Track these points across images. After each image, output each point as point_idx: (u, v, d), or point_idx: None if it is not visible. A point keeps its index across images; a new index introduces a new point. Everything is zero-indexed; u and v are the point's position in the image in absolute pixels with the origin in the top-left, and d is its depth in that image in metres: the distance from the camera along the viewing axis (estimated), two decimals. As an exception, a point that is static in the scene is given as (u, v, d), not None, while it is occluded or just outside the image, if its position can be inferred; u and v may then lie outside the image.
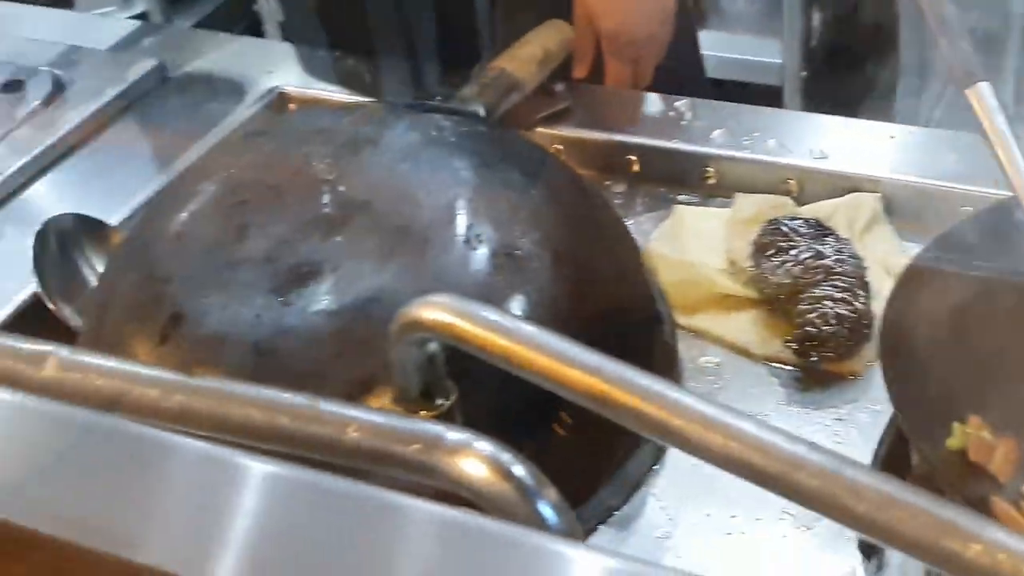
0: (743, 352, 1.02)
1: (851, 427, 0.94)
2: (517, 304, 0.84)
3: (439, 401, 0.57)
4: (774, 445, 0.49)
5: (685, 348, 1.03)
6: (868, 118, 1.19)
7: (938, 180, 1.09)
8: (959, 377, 0.82)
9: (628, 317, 0.95)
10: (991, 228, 0.87)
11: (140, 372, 0.55)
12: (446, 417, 0.57)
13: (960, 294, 0.84)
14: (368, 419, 0.48)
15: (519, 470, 0.44)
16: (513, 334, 0.50)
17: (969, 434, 0.80)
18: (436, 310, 0.52)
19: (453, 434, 0.46)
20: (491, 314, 0.51)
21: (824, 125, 1.20)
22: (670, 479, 0.92)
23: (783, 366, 1.00)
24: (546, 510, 0.44)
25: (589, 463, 0.84)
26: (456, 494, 0.45)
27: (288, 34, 1.58)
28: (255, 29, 2.00)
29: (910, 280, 0.84)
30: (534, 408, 0.72)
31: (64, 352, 0.57)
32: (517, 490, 0.44)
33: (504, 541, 0.42)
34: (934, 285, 0.84)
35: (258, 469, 0.47)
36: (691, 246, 1.10)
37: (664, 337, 0.99)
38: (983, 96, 0.87)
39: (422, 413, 0.57)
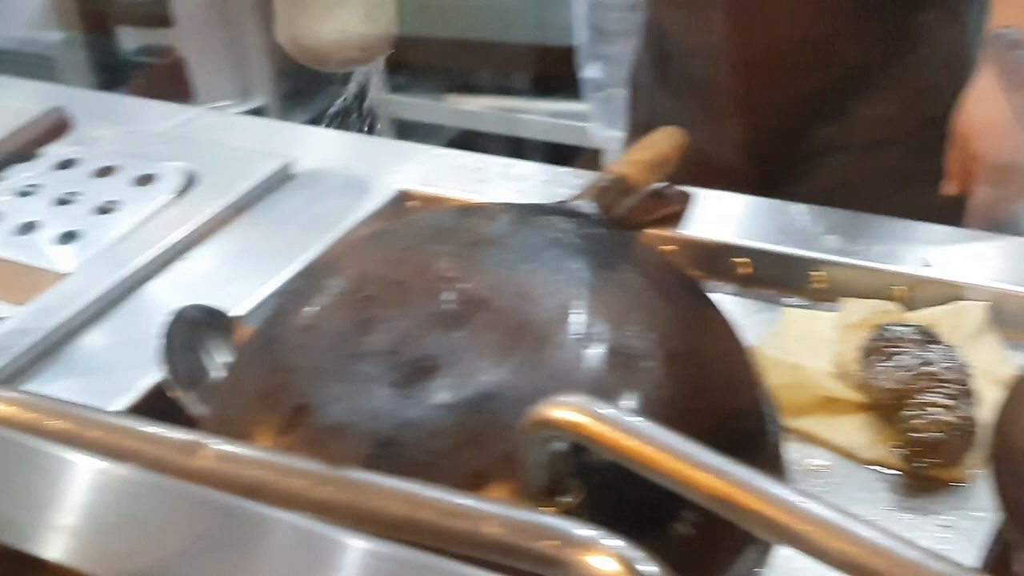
0: (849, 456, 1.03)
1: (957, 533, 0.94)
2: (630, 402, 0.87)
3: (564, 498, 0.60)
4: (893, 551, 0.50)
5: (792, 451, 1.04)
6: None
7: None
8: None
9: (738, 418, 0.97)
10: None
11: (286, 463, 0.59)
12: (571, 513, 0.59)
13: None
14: (502, 513, 0.51)
15: (649, 569, 0.47)
16: (641, 435, 0.53)
17: None
18: (567, 410, 0.55)
19: (583, 531, 0.49)
20: (619, 415, 0.54)
21: (931, 233, 1.22)
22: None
23: (889, 471, 1.01)
24: (673, 608, 0.47)
25: (701, 565, 0.85)
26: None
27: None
28: (370, 125, 2.08)
29: (1021, 387, 0.85)
30: (655, 507, 0.74)
31: (214, 442, 0.61)
32: (648, 588, 0.46)
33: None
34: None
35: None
36: (799, 349, 1.12)
37: (772, 439, 1.00)
38: None
39: (546, 509, 0.59)
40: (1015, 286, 1.13)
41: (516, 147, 2.66)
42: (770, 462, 1.00)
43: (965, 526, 0.95)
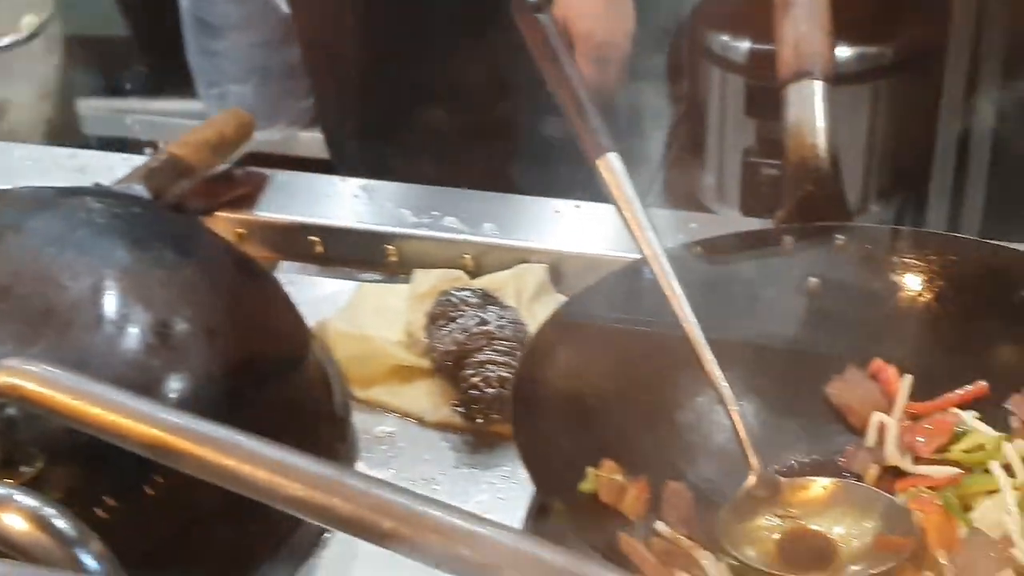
0: (419, 420, 1.06)
1: (514, 484, 0.98)
2: (173, 383, 0.85)
3: (25, 468, 0.58)
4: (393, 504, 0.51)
5: (362, 420, 1.06)
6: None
7: (597, 250, 1.16)
8: (593, 425, 0.88)
9: (295, 392, 0.97)
10: (621, 288, 0.93)
11: None
12: (32, 485, 0.57)
13: (591, 349, 0.90)
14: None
15: (61, 523, 0.46)
16: (80, 392, 0.52)
17: (601, 477, 0.85)
18: (5, 374, 0.53)
19: (-5, 492, 0.47)
20: (62, 376, 0.53)
21: (497, 201, 1.26)
22: (340, 547, 0.93)
23: (454, 431, 1.04)
24: (88, 559, 0.45)
25: (244, 537, 0.85)
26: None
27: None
28: None
29: (542, 340, 0.89)
30: (125, 470, 0.72)
31: None
32: (58, 541, 0.45)
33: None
34: (566, 343, 0.89)
35: None
36: (371, 321, 1.13)
37: (335, 410, 1.01)
38: (612, 166, 0.94)
39: (5, 481, 0.57)
40: (572, 248, 1.18)
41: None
42: (332, 433, 1.01)
43: (523, 476, 0.98)
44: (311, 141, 2.43)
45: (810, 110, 0.98)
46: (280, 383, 0.95)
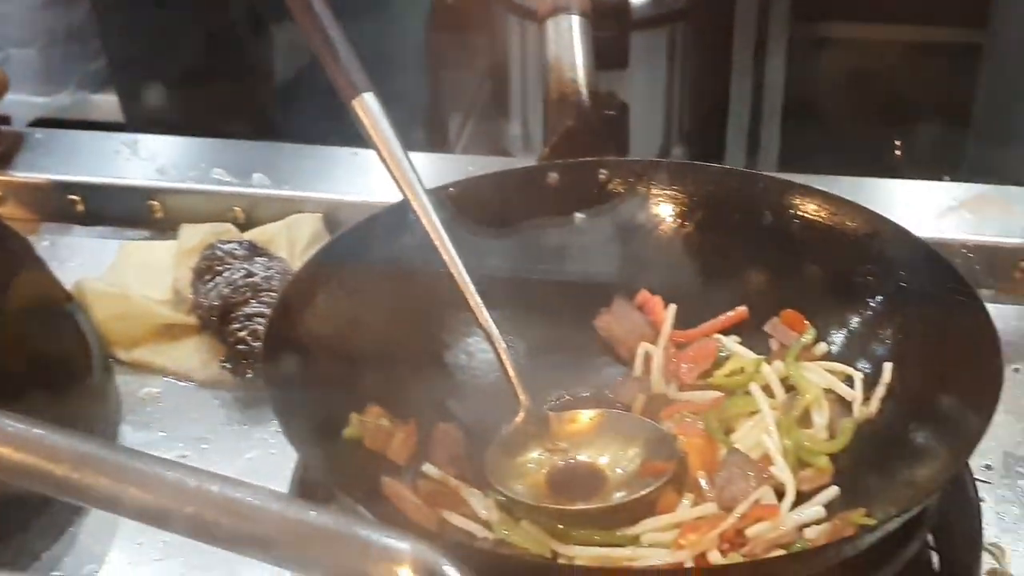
0: (187, 378, 1.02)
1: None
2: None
3: None
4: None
5: (127, 382, 1.02)
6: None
7: (373, 197, 1.13)
8: (357, 371, 0.86)
9: (47, 355, 0.93)
10: (382, 230, 0.91)
11: None
12: None
13: (353, 294, 0.88)
14: None
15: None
16: None
17: (365, 423, 0.83)
18: None
19: None
20: None
21: (266, 151, 1.23)
22: (101, 516, 0.90)
23: (224, 389, 1.01)
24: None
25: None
26: None
27: None
28: None
29: (297, 287, 0.86)
30: None
31: None
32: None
33: None
34: (325, 288, 0.87)
35: None
36: (134, 280, 1.09)
37: (93, 372, 0.97)
38: (368, 106, 0.91)
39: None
40: (347, 196, 1.16)
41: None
42: (91, 397, 0.97)
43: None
44: (104, 104, 2.35)
45: (568, 45, 0.98)
46: (30, 346, 0.91)
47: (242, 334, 0.98)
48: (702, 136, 2.32)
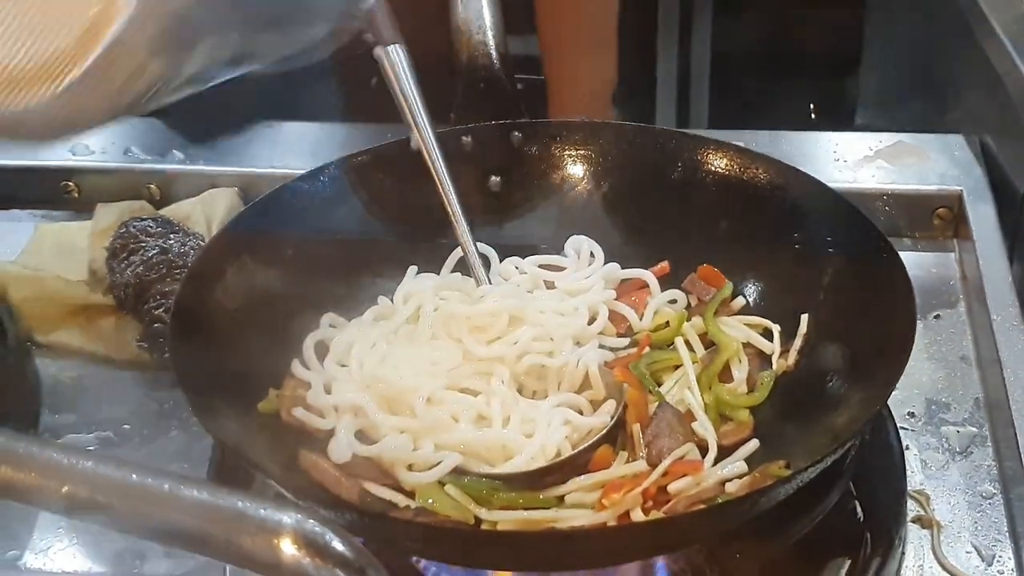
0: (106, 360, 1.01)
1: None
2: None
3: None
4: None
5: (45, 365, 1.00)
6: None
7: (290, 168, 1.12)
8: (270, 344, 0.85)
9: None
10: (292, 201, 0.90)
11: None
12: None
13: (265, 265, 0.87)
14: None
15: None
16: None
17: (283, 396, 0.82)
18: None
19: None
20: None
21: (181, 127, 1.20)
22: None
23: (143, 369, 0.99)
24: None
25: None
26: None
27: None
28: None
29: (207, 261, 0.85)
30: None
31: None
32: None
33: None
34: (236, 261, 0.85)
35: None
36: (50, 262, 1.07)
37: (7, 355, 0.95)
38: (393, 56, 0.89)
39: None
40: (264, 169, 1.15)
41: None
42: (9, 379, 0.95)
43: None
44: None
45: (476, 7, 0.97)
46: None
47: (158, 312, 0.97)
48: (632, 98, 2.32)
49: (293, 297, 0.88)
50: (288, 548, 0.42)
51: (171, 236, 1.02)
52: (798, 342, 0.87)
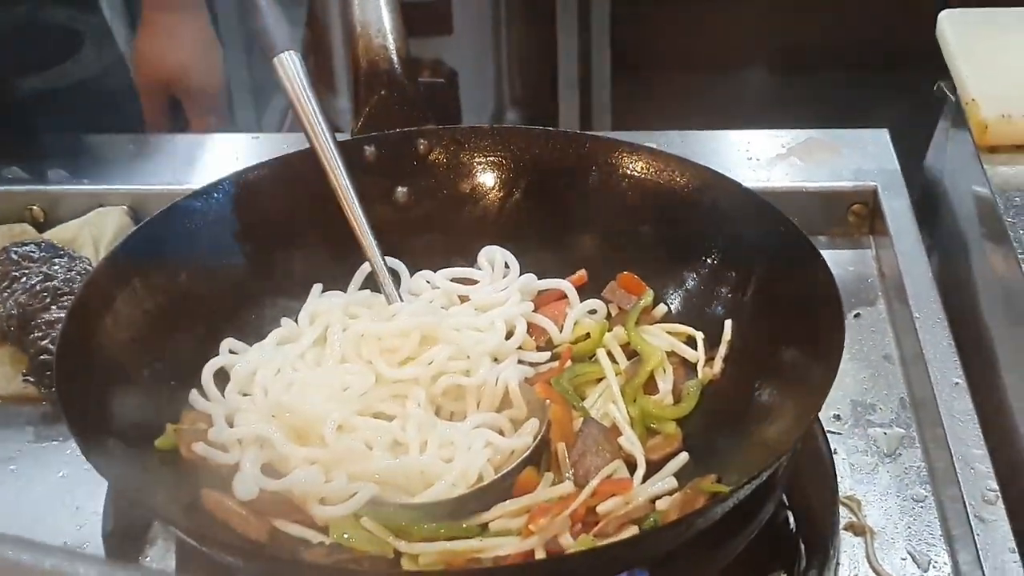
0: (-8, 396, 0.94)
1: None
2: None
3: None
4: None
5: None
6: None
7: (181, 184, 1.06)
8: (166, 375, 0.79)
9: None
10: (185, 219, 0.84)
11: None
12: None
13: (156, 289, 0.81)
14: None
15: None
16: None
17: (181, 431, 0.77)
18: None
19: None
20: None
21: (64, 143, 1.14)
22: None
23: (31, 403, 0.92)
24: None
25: None
26: None
27: None
28: None
29: (94, 289, 0.79)
30: None
31: None
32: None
33: None
34: (127, 286, 0.80)
35: None
36: (-75, 293, 0.99)
37: None
38: (287, 64, 0.87)
39: None
40: (154, 185, 1.09)
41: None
42: None
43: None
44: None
45: (375, 9, 0.92)
46: None
47: (43, 343, 0.91)
48: (535, 99, 2.29)
49: (189, 324, 0.82)
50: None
51: (56, 261, 0.96)
52: (723, 349, 0.84)
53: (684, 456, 0.78)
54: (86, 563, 0.39)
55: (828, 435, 0.86)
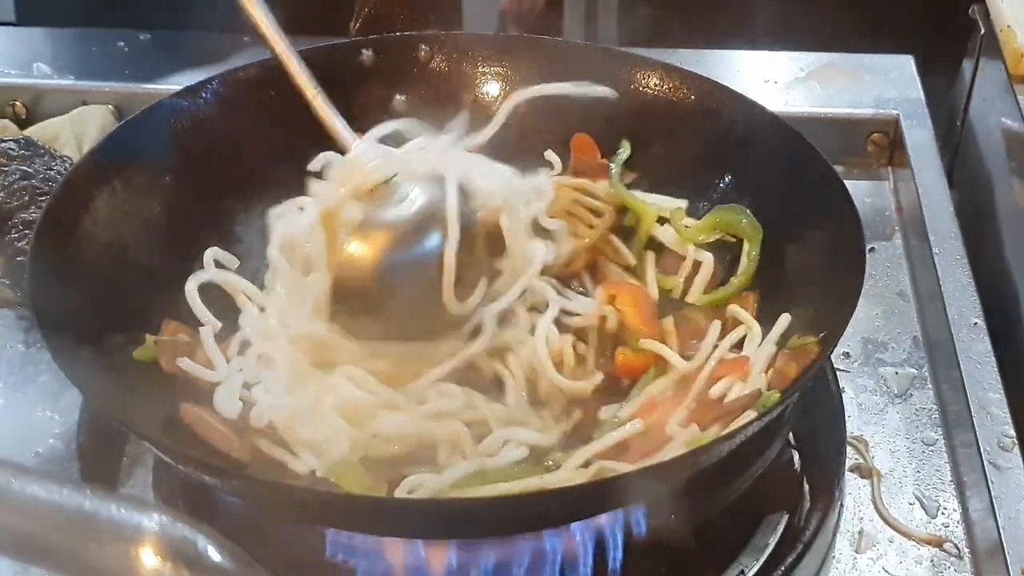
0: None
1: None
2: None
3: None
4: None
5: None
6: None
7: (166, 84, 1.01)
8: (146, 282, 0.75)
9: None
10: (167, 119, 0.80)
11: None
12: None
13: (138, 194, 0.76)
14: None
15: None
16: None
17: (161, 343, 0.72)
18: None
19: None
20: None
21: (49, 39, 1.09)
22: None
23: (9, 307, 0.89)
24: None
25: None
26: None
27: None
28: None
29: (72, 189, 0.74)
30: None
31: None
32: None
33: None
34: (107, 189, 0.75)
35: None
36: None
37: None
38: None
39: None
40: (140, 84, 1.04)
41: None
42: None
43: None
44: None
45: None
46: None
47: (21, 244, 0.86)
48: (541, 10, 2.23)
49: (172, 229, 0.78)
50: (149, 559, 0.33)
51: (36, 159, 0.92)
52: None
53: (787, 317, 0.74)
54: (27, 479, 0.35)
55: (837, 373, 0.82)
